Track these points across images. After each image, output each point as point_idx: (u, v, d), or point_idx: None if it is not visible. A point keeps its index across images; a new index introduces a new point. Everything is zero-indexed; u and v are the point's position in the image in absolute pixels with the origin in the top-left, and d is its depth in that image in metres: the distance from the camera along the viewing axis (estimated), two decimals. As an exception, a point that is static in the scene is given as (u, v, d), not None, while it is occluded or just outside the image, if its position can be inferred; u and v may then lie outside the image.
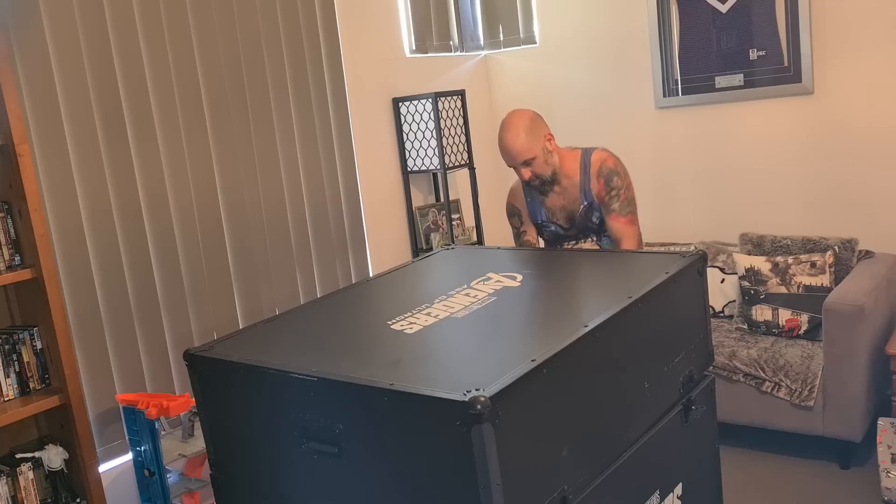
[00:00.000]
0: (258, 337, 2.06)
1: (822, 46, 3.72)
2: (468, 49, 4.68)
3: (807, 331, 3.48)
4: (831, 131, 3.78)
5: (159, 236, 3.13)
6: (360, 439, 1.65)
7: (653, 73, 4.20)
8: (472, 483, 1.48)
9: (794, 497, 3.10)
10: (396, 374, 1.65)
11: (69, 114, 2.87)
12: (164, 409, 2.73)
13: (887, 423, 2.97)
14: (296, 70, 3.67)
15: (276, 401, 1.80)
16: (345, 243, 3.92)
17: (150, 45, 3.11)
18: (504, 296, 2.14)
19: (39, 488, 2.62)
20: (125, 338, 3.02)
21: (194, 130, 3.26)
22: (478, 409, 1.43)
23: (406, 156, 4.24)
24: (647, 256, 2.35)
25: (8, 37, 2.68)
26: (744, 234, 3.84)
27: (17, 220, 2.55)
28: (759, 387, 3.32)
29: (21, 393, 2.59)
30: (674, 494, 2.12)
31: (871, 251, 3.65)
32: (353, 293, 2.37)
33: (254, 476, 1.96)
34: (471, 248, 2.75)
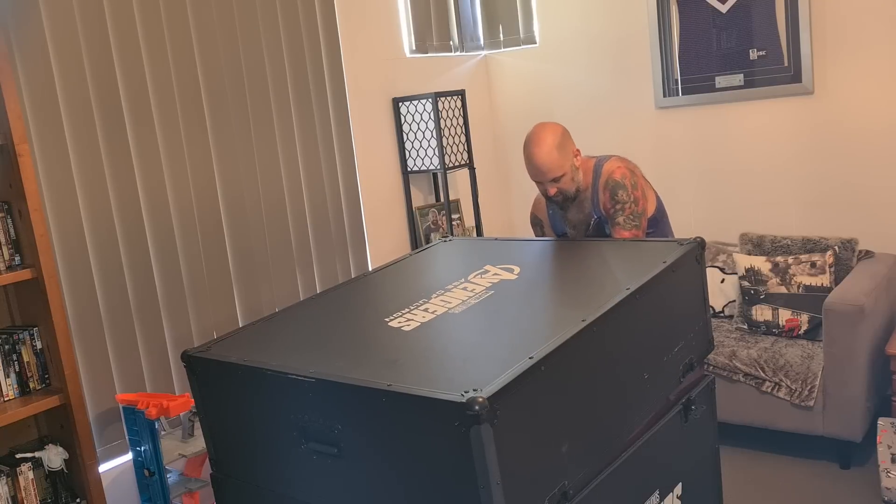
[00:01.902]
0: (256, 336, 2.05)
1: (822, 46, 3.72)
2: (468, 49, 4.68)
3: (807, 331, 3.48)
4: (831, 131, 3.78)
5: (159, 236, 3.14)
6: (359, 440, 1.65)
7: (653, 73, 4.20)
8: (472, 483, 1.48)
9: (794, 497, 3.10)
10: (394, 374, 1.64)
11: (69, 114, 2.87)
12: (164, 409, 2.73)
13: (887, 423, 2.97)
14: (296, 70, 3.67)
15: (275, 401, 1.80)
16: (345, 243, 3.92)
17: (150, 45, 3.11)
18: (501, 289, 2.13)
19: (39, 488, 2.62)
20: (125, 338, 3.02)
21: (194, 130, 3.26)
22: (476, 410, 1.43)
23: (406, 156, 4.23)
24: (645, 245, 2.34)
25: (8, 37, 2.69)
26: (744, 234, 3.83)
27: (17, 220, 2.55)
28: (759, 387, 3.32)
29: (21, 393, 2.59)
30: (674, 494, 2.11)
31: (871, 251, 3.64)
32: (350, 288, 2.37)
33: (254, 476, 1.96)
34: (468, 241, 2.74)
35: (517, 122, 4.77)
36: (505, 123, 4.84)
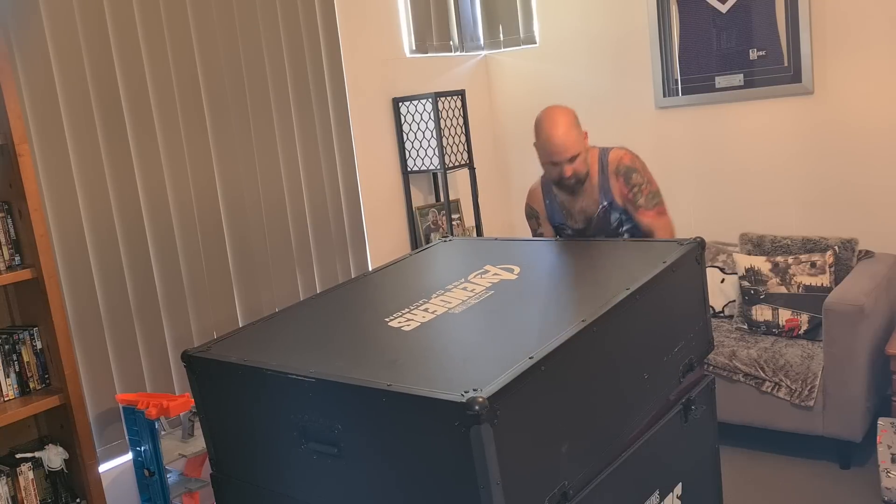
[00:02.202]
0: (256, 336, 2.05)
1: (822, 46, 3.72)
2: (468, 49, 4.68)
3: (807, 331, 3.48)
4: (831, 131, 3.78)
5: (159, 236, 3.14)
6: (360, 439, 1.65)
7: (653, 73, 4.20)
8: (472, 483, 1.48)
9: (794, 497, 3.10)
10: (394, 374, 1.64)
11: (69, 114, 2.87)
12: (164, 409, 2.73)
13: (887, 423, 2.97)
14: (296, 70, 3.67)
15: (275, 401, 1.80)
16: (345, 243, 3.92)
17: (150, 45, 3.11)
18: (501, 289, 2.13)
19: (39, 488, 2.62)
20: (125, 338, 3.02)
21: (194, 130, 3.26)
22: (476, 410, 1.43)
23: (406, 156, 4.23)
24: (645, 245, 2.34)
25: (8, 37, 2.69)
26: (744, 234, 3.83)
27: (17, 220, 2.55)
28: (759, 387, 3.32)
29: (21, 393, 2.59)
30: (674, 494, 2.11)
31: (871, 251, 3.64)
32: (350, 288, 2.37)
33: (254, 476, 1.96)
34: (468, 240, 2.74)
35: (517, 122, 4.76)
36: (505, 123, 4.84)
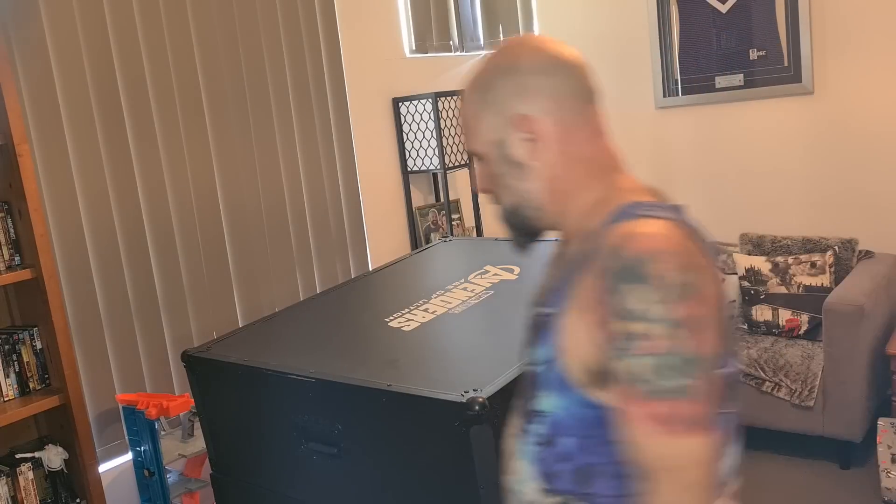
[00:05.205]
0: (256, 336, 2.05)
1: (822, 46, 3.72)
2: (468, 49, 4.68)
3: (807, 331, 3.48)
4: (831, 131, 3.78)
5: (159, 236, 3.14)
6: (360, 440, 1.65)
7: (653, 73, 4.20)
8: (472, 483, 1.48)
9: (794, 497, 3.10)
10: (394, 374, 1.64)
11: (69, 114, 2.87)
12: (164, 409, 2.73)
13: (887, 423, 2.97)
14: (296, 70, 3.67)
15: (275, 401, 1.80)
16: (345, 243, 3.92)
17: (150, 45, 3.11)
18: (501, 290, 2.13)
19: (39, 488, 2.62)
20: (125, 338, 3.02)
21: (194, 130, 3.26)
22: (476, 410, 1.43)
23: (406, 156, 4.23)
24: None
25: (8, 37, 2.69)
26: (744, 234, 3.83)
27: (17, 220, 2.55)
28: (759, 387, 3.32)
29: (21, 393, 2.59)
30: (673, 494, 2.11)
31: (871, 251, 3.64)
32: (350, 288, 2.37)
33: (253, 476, 1.96)
34: (468, 241, 2.75)
35: (517, 122, 4.76)
36: (505, 123, 4.84)
